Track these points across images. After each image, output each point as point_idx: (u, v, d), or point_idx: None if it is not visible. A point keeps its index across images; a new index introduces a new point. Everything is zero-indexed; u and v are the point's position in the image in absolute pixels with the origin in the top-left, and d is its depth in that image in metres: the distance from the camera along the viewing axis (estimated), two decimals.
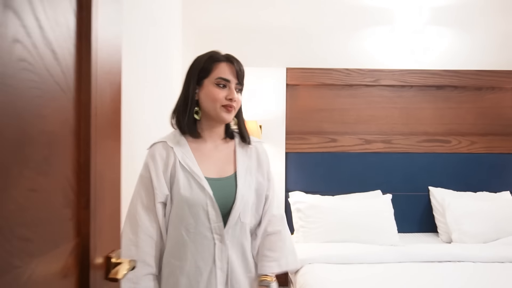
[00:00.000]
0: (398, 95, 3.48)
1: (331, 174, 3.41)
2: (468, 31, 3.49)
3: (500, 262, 2.66)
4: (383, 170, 3.42)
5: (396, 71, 3.43)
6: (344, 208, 3.06)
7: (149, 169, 1.40)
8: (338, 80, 3.41)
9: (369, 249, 2.77)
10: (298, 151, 3.40)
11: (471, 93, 3.50)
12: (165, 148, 1.42)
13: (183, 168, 1.40)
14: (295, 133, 3.44)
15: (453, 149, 3.45)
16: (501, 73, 3.44)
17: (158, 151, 1.42)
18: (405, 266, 2.59)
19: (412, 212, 3.40)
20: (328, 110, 3.47)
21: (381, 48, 3.48)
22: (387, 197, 3.21)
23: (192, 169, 1.40)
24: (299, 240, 3.03)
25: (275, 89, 3.38)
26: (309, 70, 3.41)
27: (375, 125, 3.48)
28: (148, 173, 1.40)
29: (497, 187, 3.41)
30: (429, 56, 3.49)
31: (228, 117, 1.45)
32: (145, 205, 1.38)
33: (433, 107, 3.49)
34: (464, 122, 3.50)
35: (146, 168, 1.41)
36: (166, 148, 1.42)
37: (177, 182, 1.39)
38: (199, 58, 1.49)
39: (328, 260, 2.63)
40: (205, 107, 1.45)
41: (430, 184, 3.42)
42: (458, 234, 3.04)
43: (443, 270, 2.54)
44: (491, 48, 3.50)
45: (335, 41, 3.47)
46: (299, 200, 3.16)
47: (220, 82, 1.43)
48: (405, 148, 3.43)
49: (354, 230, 2.96)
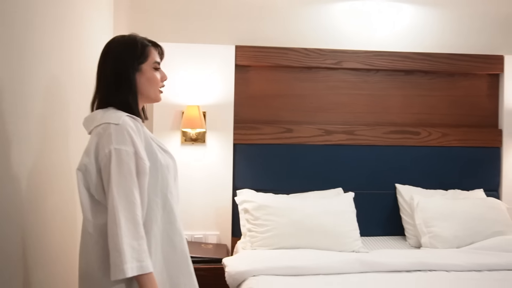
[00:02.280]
0: (363, 80, 3.08)
1: (286, 169, 2.97)
2: (441, 10, 3.12)
3: (477, 270, 2.30)
4: (345, 165, 3.01)
5: (360, 52, 3.02)
6: (299, 209, 2.62)
7: (132, 142, 1.40)
8: (295, 62, 2.97)
9: (326, 258, 2.34)
10: (248, 142, 2.94)
11: (444, 79, 3.13)
12: (133, 122, 1.45)
13: (151, 139, 1.50)
14: (245, 121, 2.98)
15: (423, 141, 3.07)
16: (477, 58, 3.09)
17: (132, 124, 1.42)
18: (368, 277, 2.19)
19: (377, 213, 3.01)
20: (283, 96, 3.02)
21: (344, 26, 3.07)
22: (349, 196, 2.80)
23: (157, 139, 1.55)
24: (246, 247, 2.58)
25: (222, 70, 2.91)
26: (262, 49, 2.95)
27: (337, 113, 3.06)
28: (132, 147, 1.39)
29: (470, 185, 3.06)
30: (398, 37, 3.11)
31: (161, 97, 1.62)
32: (135, 181, 1.38)
33: (401, 94, 3.11)
34: (436, 111, 3.13)
35: (128, 142, 1.39)
36: (134, 122, 1.45)
37: (154, 152, 1.47)
38: (127, 44, 1.51)
39: (276, 271, 2.18)
40: (145, 91, 1.53)
41: (397, 181, 3.03)
42: (429, 238, 2.67)
43: (413, 281, 2.16)
44: (466, 30, 3.15)
45: (293, 17, 3.03)
46: (247, 199, 2.70)
47: (156, 66, 1.55)
48: (370, 140, 3.03)
49: (309, 235, 2.53)
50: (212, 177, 2.89)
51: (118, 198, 1.34)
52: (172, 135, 2.87)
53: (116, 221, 1.31)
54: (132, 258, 1.31)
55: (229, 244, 2.90)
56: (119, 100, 1.47)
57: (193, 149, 2.89)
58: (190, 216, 2.87)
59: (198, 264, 2.56)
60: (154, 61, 1.53)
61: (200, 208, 2.89)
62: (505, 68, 3.09)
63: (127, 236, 1.31)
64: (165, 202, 1.48)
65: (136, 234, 1.33)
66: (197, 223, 2.89)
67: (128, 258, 1.29)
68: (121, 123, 1.39)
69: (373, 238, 2.92)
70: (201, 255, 2.61)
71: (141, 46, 1.51)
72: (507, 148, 3.10)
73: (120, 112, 1.44)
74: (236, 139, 2.93)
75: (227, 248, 2.84)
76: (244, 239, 2.64)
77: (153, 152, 1.47)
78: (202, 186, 2.88)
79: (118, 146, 1.37)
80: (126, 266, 1.29)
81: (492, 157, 3.11)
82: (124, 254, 1.29)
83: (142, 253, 1.33)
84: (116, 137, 1.38)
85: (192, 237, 2.87)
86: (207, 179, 2.89)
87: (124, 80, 1.48)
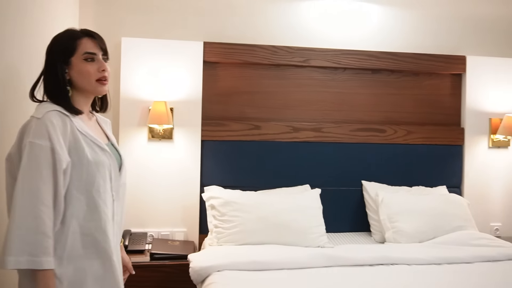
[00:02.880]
0: (330, 78, 3.11)
1: (255, 166, 2.97)
2: (408, 11, 3.19)
3: (437, 264, 2.36)
4: (313, 162, 3.03)
5: (328, 50, 3.05)
6: (265, 205, 2.63)
7: (49, 137, 1.38)
8: (263, 59, 2.98)
9: (291, 253, 2.36)
10: (216, 139, 2.93)
11: (409, 78, 3.20)
12: (60, 116, 1.43)
13: (82, 135, 1.47)
14: (213, 118, 2.97)
15: (389, 139, 3.12)
16: (440, 58, 3.16)
17: (54, 119, 1.41)
18: (331, 271, 2.22)
19: (344, 210, 3.04)
20: (252, 93, 3.03)
21: (313, 25, 3.10)
22: (315, 193, 2.82)
23: (91, 135, 1.50)
24: (213, 243, 2.57)
25: (190, 66, 2.89)
26: (231, 46, 2.95)
27: (305, 111, 3.09)
28: (49, 141, 1.38)
29: (434, 181, 3.13)
30: (365, 37, 3.15)
31: (104, 89, 1.56)
32: (44, 176, 1.36)
33: (368, 93, 3.15)
34: (401, 110, 3.19)
35: (45, 137, 1.38)
36: (61, 116, 1.44)
37: (81, 148, 1.45)
38: (58, 39, 1.53)
39: (240, 266, 2.18)
40: (80, 84, 1.51)
41: (364, 178, 3.08)
42: (392, 233, 2.72)
43: (375, 274, 2.19)
44: (431, 31, 3.23)
45: (262, 15, 3.04)
46: (214, 195, 2.69)
47: (88, 57, 1.51)
48: (337, 138, 3.06)
49: (275, 231, 2.54)
50: (180, 174, 2.87)
51: (21, 192, 1.34)
52: (139, 131, 2.84)
53: (13, 213, 1.33)
54: (22, 252, 1.31)
55: (196, 241, 2.89)
56: (51, 94, 1.49)
57: (160, 146, 2.86)
58: (157, 213, 2.85)
59: (164, 261, 2.55)
60: (83, 52, 1.50)
61: (167, 205, 2.86)
62: (467, 68, 3.18)
63: (20, 229, 1.31)
64: (89, 199, 1.46)
65: (35, 229, 1.33)
66: (164, 220, 2.86)
67: (13, 250, 1.30)
68: (41, 118, 1.40)
69: (340, 234, 2.95)
70: (167, 252, 2.59)
71: (68, 40, 1.51)
72: (469, 146, 3.19)
73: (49, 106, 1.45)
74: (204, 135, 2.91)
75: (194, 245, 2.82)
76: (211, 236, 2.63)
77: (80, 148, 1.45)
78: (169, 183, 2.86)
79: (33, 140, 1.38)
80: (7, 258, 1.30)
81: (454, 155, 3.19)
82: (10, 246, 1.30)
83: (39, 249, 1.32)
84: (34, 130, 1.39)
85: (159, 234, 2.85)
86: (174, 176, 2.87)
87: (54, 75, 1.49)
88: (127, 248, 2.61)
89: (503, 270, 2.28)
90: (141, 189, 2.82)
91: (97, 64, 1.52)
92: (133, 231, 2.81)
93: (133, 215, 2.80)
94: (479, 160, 3.19)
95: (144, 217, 2.84)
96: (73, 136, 1.45)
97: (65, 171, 1.41)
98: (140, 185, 2.82)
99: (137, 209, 2.82)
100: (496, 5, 3.29)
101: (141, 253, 2.65)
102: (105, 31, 2.85)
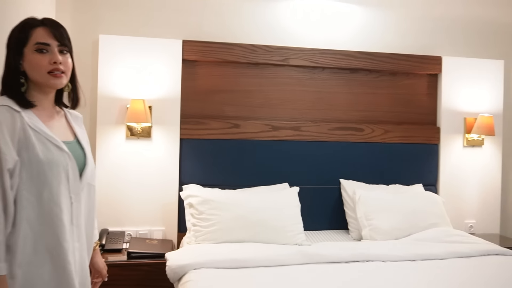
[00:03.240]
0: (309, 77, 3.14)
1: (233, 164, 2.98)
2: (385, 11, 3.24)
3: (411, 260, 2.40)
4: (292, 161, 3.05)
5: (307, 50, 3.07)
6: (243, 203, 2.64)
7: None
8: (242, 57, 2.99)
9: (268, 250, 2.37)
10: (195, 137, 2.93)
11: (387, 78, 3.24)
12: (9, 111, 1.36)
13: (35, 131, 1.38)
14: (192, 116, 2.97)
15: (366, 138, 3.16)
16: (417, 58, 3.22)
17: (1, 115, 1.34)
18: (307, 269, 2.23)
19: (322, 208, 3.07)
20: (231, 92, 3.04)
21: (291, 24, 3.12)
22: (294, 191, 2.84)
23: (45, 132, 1.41)
24: (191, 241, 2.57)
25: (169, 64, 2.88)
26: (209, 44, 2.95)
27: (284, 110, 3.11)
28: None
29: (410, 180, 3.19)
30: (344, 37, 3.19)
31: (58, 82, 1.44)
32: None
33: (346, 92, 3.19)
34: (379, 109, 3.24)
35: None
36: (10, 111, 1.36)
37: (32, 146, 1.37)
38: (14, 28, 1.45)
39: (217, 264, 2.18)
40: (32, 76, 1.43)
41: (342, 176, 3.11)
42: (369, 231, 2.75)
43: (350, 271, 2.22)
44: (408, 32, 3.28)
45: (241, 14, 3.05)
46: (192, 194, 2.69)
47: (39, 48, 1.41)
48: (315, 137, 3.09)
49: (253, 229, 2.55)
50: (158, 173, 2.86)
51: None
52: (116, 129, 2.82)
53: None
54: None
55: (175, 239, 2.88)
56: (6, 87, 1.43)
57: (139, 144, 2.84)
58: (135, 212, 2.83)
59: (142, 259, 2.54)
60: (35, 42, 1.40)
61: (146, 204, 2.85)
62: (443, 68, 3.24)
63: None
64: (41, 201, 1.37)
65: None
66: (142, 219, 2.85)
67: None
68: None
69: (318, 232, 2.98)
70: (144, 251, 2.58)
71: (21, 29, 1.42)
72: (444, 145, 3.25)
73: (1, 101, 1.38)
74: (183, 134, 2.91)
75: (172, 243, 2.81)
76: (189, 234, 2.62)
77: (30, 146, 1.36)
78: (147, 182, 2.85)
79: None
80: None
81: (430, 153, 3.25)
82: None
83: None
84: None
85: (137, 233, 2.83)
86: (152, 174, 2.85)
87: (7, 66, 1.43)
88: (104, 247, 2.59)
89: (475, 265, 2.33)
90: (118, 187, 2.81)
91: (49, 56, 1.41)
92: (110, 230, 2.79)
93: (110, 214, 2.78)
94: (454, 158, 3.26)
95: (121, 216, 2.82)
96: (23, 133, 1.36)
97: (13, 171, 1.33)
98: (118, 183, 2.80)
99: (114, 208, 2.80)
100: (471, 7, 3.36)
101: (119, 252, 2.63)
102: (83, 28, 2.84)
